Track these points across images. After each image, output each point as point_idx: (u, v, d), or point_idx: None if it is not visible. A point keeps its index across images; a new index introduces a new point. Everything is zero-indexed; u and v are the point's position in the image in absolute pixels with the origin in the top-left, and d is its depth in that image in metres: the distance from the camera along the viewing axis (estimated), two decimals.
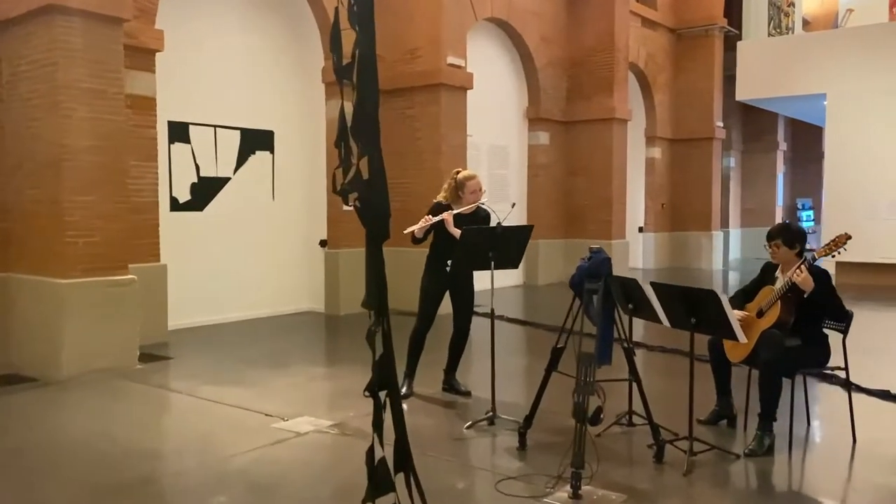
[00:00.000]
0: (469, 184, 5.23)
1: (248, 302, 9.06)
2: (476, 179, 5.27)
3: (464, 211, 5.20)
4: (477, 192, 5.24)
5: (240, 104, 8.96)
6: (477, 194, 5.24)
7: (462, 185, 5.24)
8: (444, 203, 5.29)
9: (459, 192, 5.27)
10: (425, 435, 4.58)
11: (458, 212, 5.18)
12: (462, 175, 5.30)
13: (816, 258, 4.23)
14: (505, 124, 12.76)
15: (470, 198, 5.23)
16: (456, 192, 5.29)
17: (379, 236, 2.68)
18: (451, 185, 5.32)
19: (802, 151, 22.84)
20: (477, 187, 5.24)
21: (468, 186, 5.23)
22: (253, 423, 4.81)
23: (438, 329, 5.52)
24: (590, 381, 3.72)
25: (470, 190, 5.23)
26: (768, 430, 4.23)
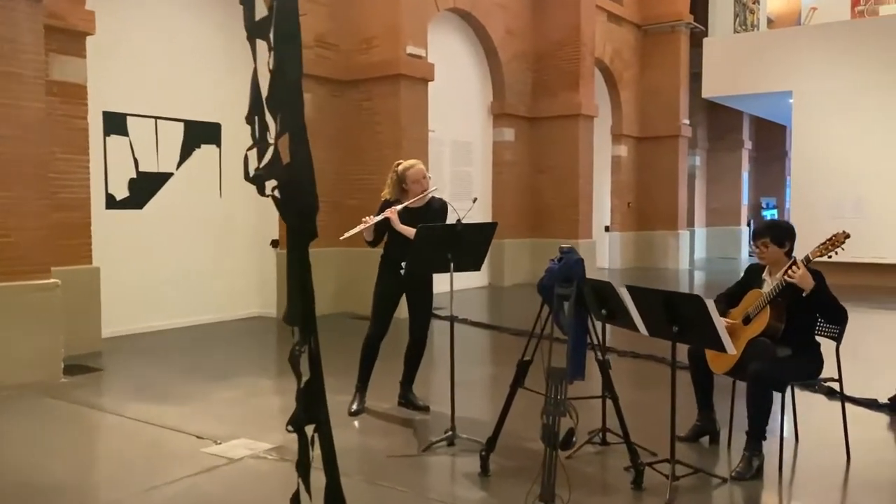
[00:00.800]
0: (410, 173, 4.74)
1: (193, 307, 8.45)
2: (418, 167, 4.77)
3: (412, 203, 4.70)
4: (420, 180, 4.75)
5: (183, 94, 8.34)
6: (421, 183, 4.74)
7: (403, 176, 4.75)
8: (390, 200, 4.80)
9: (403, 185, 4.78)
10: (376, 460, 4.07)
11: (405, 205, 4.68)
12: (402, 166, 4.80)
13: (811, 259, 3.82)
14: (469, 120, 12.29)
15: (415, 188, 4.73)
16: (399, 185, 4.80)
17: (304, 235, 2.17)
18: (393, 179, 4.83)
19: (766, 150, 22.81)
20: (419, 175, 4.75)
21: (409, 176, 4.73)
22: (181, 447, 4.25)
23: (400, 335, 5.01)
24: (561, 400, 3.25)
25: (412, 179, 4.73)
26: (757, 451, 3.80)
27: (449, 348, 4.40)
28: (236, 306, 8.99)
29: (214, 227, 8.72)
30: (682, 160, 16.84)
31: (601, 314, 4.15)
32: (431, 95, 9.90)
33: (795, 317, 3.90)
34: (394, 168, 4.85)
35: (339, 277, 8.89)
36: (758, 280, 4.17)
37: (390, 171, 4.86)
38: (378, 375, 5.28)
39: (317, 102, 9.13)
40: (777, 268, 4.06)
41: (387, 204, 4.79)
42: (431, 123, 10.43)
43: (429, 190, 4.76)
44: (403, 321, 4.96)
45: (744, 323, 4.03)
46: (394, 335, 5.20)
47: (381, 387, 5.25)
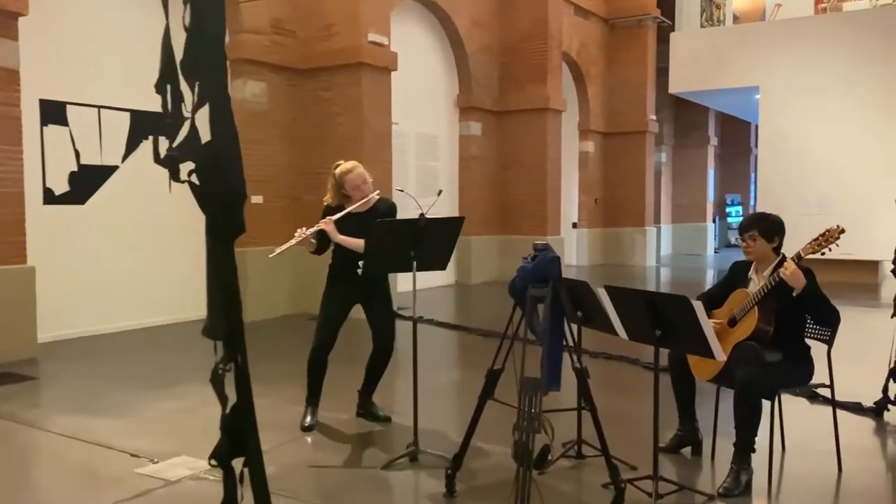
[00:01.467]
0: (348, 178, 4.31)
1: (141, 309, 7.95)
2: (356, 171, 4.33)
3: (355, 209, 4.29)
4: (360, 186, 4.32)
5: (129, 82, 7.81)
6: (362, 189, 4.31)
7: (341, 181, 4.33)
8: (333, 206, 4.39)
9: (342, 191, 4.37)
10: (330, 479, 3.69)
11: (347, 212, 4.28)
12: (340, 169, 4.36)
13: (802, 256, 3.52)
14: (434, 113, 11.92)
15: (356, 194, 4.33)
16: (339, 190, 4.38)
17: (227, 229, 1.79)
18: (332, 183, 4.39)
19: (731, 147, 22.82)
20: (359, 180, 4.32)
21: (348, 182, 4.31)
22: (113, 467, 3.81)
23: (360, 339, 4.62)
24: (535, 415, 2.90)
25: (352, 186, 4.31)
26: (745, 464, 3.50)
27: (412, 352, 4.01)
28: (188, 308, 8.47)
29: (163, 224, 8.21)
30: (649, 156, 16.68)
31: (577, 316, 3.82)
32: (396, 87, 9.51)
33: (786, 318, 3.61)
34: (332, 171, 4.41)
35: (297, 276, 8.44)
36: (743, 279, 3.88)
37: (329, 175, 4.42)
38: (337, 383, 4.90)
39: (272, 92, 8.67)
40: (764, 265, 3.77)
41: (329, 210, 4.38)
42: (395, 116, 10.03)
43: (370, 195, 4.35)
44: (361, 322, 4.57)
45: (729, 325, 3.73)
46: (354, 339, 4.84)
47: (338, 396, 4.87)
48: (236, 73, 8.40)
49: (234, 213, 1.77)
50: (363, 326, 4.57)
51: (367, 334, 4.56)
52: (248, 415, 1.82)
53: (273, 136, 8.68)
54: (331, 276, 4.46)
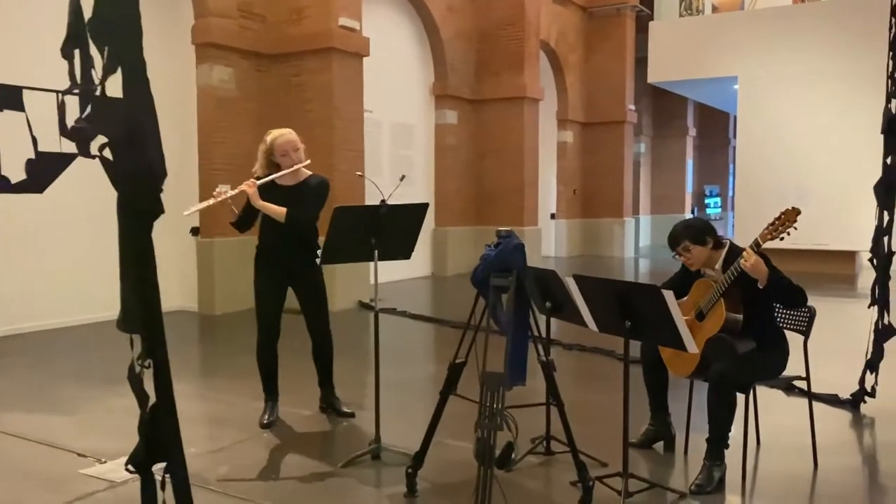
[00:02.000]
0: (278, 143, 4.08)
1: (106, 301, 7.67)
2: (287, 137, 4.11)
3: (279, 177, 4.07)
4: (290, 153, 4.09)
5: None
6: (291, 156, 4.09)
7: (270, 147, 4.11)
8: (261, 176, 4.15)
9: (272, 158, 4.13)
10: (285, 480, 3.50)
11: (271, 179, 4.06)
12: (270, 136, 4.15)
13: (761, 243, 3.37)
14: (409, 101, 11.70)
15: (284, 162, 4.10)
16: (269, 158, 4.14)
17: (143, 210, 1.60)
18: (262, 150, 4.17)
19: (710, 138, 22.82)
20: (288, 147, 4.09)
21: (277, 147, 4.08)
22: (57, 467, 3.61)
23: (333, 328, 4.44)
24: (497, 411, 2.74)
25: (280, 152, 4.08)
26: (718, 461, 3.37)
27: (374, 346, 3.84)
28: None
29: None
30: (628, 146, 16.59)
31: (545, 307, 3.67)
32: (369, 75, 9.28)
33: (755, 304, 3.47)
34: (264, 138, 4.19)
35: None
36: (695, 274, 3.72)
37: (261, 143, 4.20)
38: (299, 378, 4.73)
39: (240, 78, 8.42)
40: (712, 262, 3.63)
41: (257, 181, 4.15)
42: (369, 104, 9.81)
43: (299, 164, 4.12)
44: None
45: (697, 319, 3.58)
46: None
47: (301, 391, 4.69)
48: (202, 58, 8.14)
49: (150, 194, 1.59)
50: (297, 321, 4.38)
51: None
52: (168, 416, 1.64)
53: (241, 124, 8.43)
54: (258, 261, 4.24)
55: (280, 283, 4.23)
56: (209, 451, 3.84)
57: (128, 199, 1.56)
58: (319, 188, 4.18)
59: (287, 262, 4.13)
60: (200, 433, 4.16)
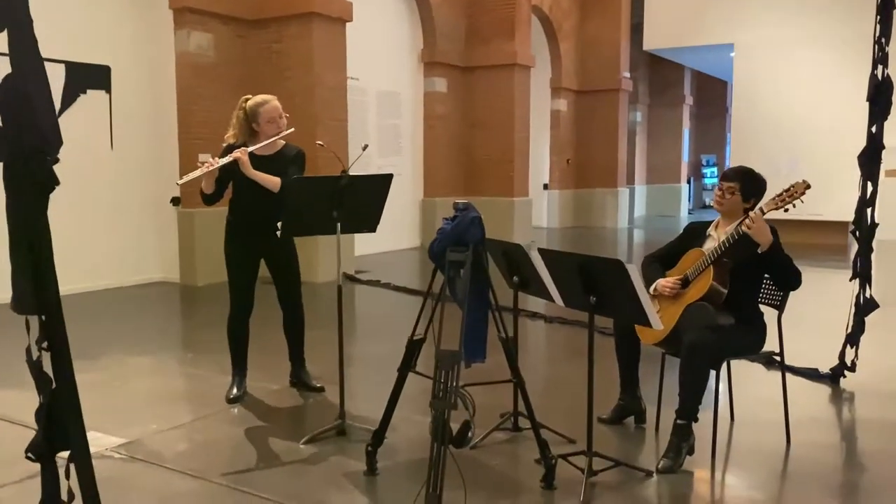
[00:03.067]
0: (263, 110, 3.94)
1: (82, 272, 7.57)
2: (272, 104, 3.98)
3: (260, 149, 3.93)
4: (276, 119, 3.97)
5: (64, 32, 7.34)
6: (276, 123, 3.97)
7: (254, 113, 3.95)
8: (235, 145, 4.00)
9: (253, 125, 3.99)
10: (244, 457, 3.42)
11: (256, 148, 3.92)
12: (252, 101, 3.99)
13: (764, 212, 3.26)
14: (397, 68, 11.48)
15: (269, 129, 3.96)
16: (248, 125, 4.00)
17: (37, 183, 1.47)
18: (239, 117, 4.01)
19: (706, 107, 22.53)
20: (275, 114, 3.97)
21: (262, 114, 3.94)
22: (14, 444, 3.49)
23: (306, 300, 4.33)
24: (451, 390, 2.65)
25: (266, 118, 3.94)
26: (686, 436, 3.28)
27: (338, 319, 3.72)
28: (134, 271, 8.16)
29: (105, 183, 7.82)
30: (623, 115, 16.36)
31: (513, 281, 3.56)
32: (355, 41, 9.08)
33: (740, 280, 3.36)
34: (241, 104, 4.03)
35: None
36: (699, 239, 3.62)
37: (236, 109, 4.05)
38: (269, 352, 4.64)
39: (219, 44, 8.22)
40: (728, 222, 3.51)
41: (229, 148, 4.00)
42: (355, 71, 9.62)
43: (284, 132, 3.99)
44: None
45: (682, 286, 3.48)
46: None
47: (271, 366, 4.61)
48: (179, 24, 7.93)
49: (40, 164, 1.46)
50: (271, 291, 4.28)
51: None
52: (69, 402, 1.54)
53: (220, 92, 8.23)
54: (229, 232, 4.12)
55: (252, 254, 4.12)
56: (170, 428, 3.76)
57: (18, 172, 1.44)
58: (299, 158, 4.07)
59: (260, 233, 4.00)
60: (163, 409, 4.08)
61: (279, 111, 3.98)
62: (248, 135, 3.98)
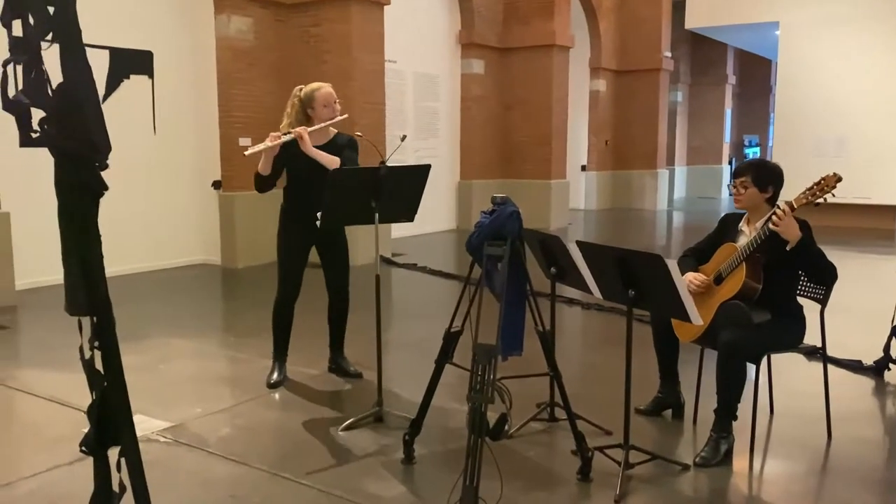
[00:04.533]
0: (319, 94, 3.98)
1: (126, 254, 7.75)
2: (326, 89, 4.02)
3: (315, 133, 3.93)
4: (331, 104, 4.01)
5: (108, 18, 7.44)
6: (332, 108, 4.01)
7: (310, 98, 3.99)
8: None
9: (308, 111, 4.02)
10: (284, 442, 3.50)
11: (312, 129, 3.92)
12: (308, 87, 4.03)
13: (795, 207, 3.20)
14: (434, 50, 11.44)
15: (325, 114, 3.99)
16: (304, 112, 4.03)
17: (86, 188, 1.51)
18: (294, 104, 4.05)
19: (750, 86, 22.04)
20: (330, 99, 4.00)
21: (318, 99, 3.97)
22: (63, 427, 3.65)
23: None
24: (488, 383, 2.66)
25: (322, 103, 3.97)
26: (725, 433, 3.27)
27: (375, 305, 3.75)
28: (175, 253, 8.32)
29: (149, 167, 7.96)
30: (663, 95, 16.10)
31: (550, 272, 3.56)
32: (392, 24, 9.06)
33: (776, 275, 3.31)
34: (295, 93, 4.07)
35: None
36: (732, 232, 3.57)
37: (290, 97, 4.08)
38: (309, 337, 4.70)
39: (258, 28, 8.27)
40: (757, 216, 3.46)
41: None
42: (393, 54, 9.61)
43: (337, 117, 4.01)
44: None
45: (715, 283, 3.44)
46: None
47: (310, 350, 4.68)
48: (220, 8, 8.00)
49: (93, 171, 1.50)
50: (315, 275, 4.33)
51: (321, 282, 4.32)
52: (120, 399, 1.59)
53: (259, 75, 8.32)
54: (284, 220, 4.16)
55: (305, 243, 4.17)
56: (213, 412, 3.85)
57: (69, 177, 1.48)
58: (353, 143, 4.12)
59: (314, 222, 4.02)
60: (206, 392, 4.18)
61: (334, 96, 4.03)
62: (304, 120, 4.02)
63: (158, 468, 3.20)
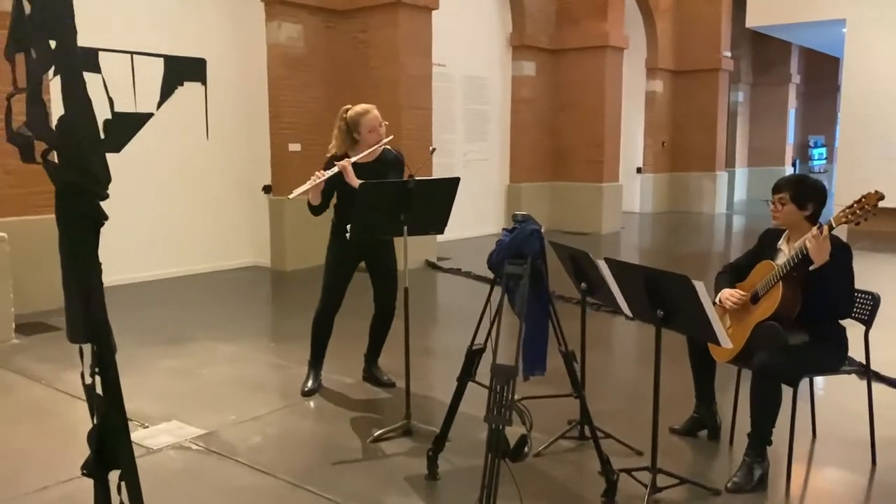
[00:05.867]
0: (365, 120, 4.00)
1: (177, 257, 7.97)
2: (373, 113, 4.03)
3: (362, 158, 4.00)
4: (377, 129, 4.02)
5: (162, 27, 7.68)
6: (377, 132, 4.02)
7: (356, 123, 4.01)
8: (338, 156, 4.07)
9: (355, 135, 4.03)
10: (311, 454, 3.53)
11: (357, 158, 3.98)
12: (353, 111, 4.04)
13: (834, 226, 3.06)
14: (484, 53, 11.39)
15: (370, 139, 4.01)
16: (350, 135, 4.05)
17: (86, 218, 1.54)
18: (340, 128, 4.06)
19: (816, 85, 21.26)
20: (376, 123, 4.01)
21: (364, 124, 4.00)
22: None
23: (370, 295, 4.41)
24: (507, 405, 2.63)
25: (368, 128, 3.99)
26: (760, 458, 3.15)
27: (404, 318, 3.75)
28: (227, 255, 8.50)
29: (201, 172, 8.15)
30: (722, 96, 15.68)
31: (581, 287, 3.50)
32: (442, 27, 9.06)
33: (816, 295, 3.17)
34: (341, 115, 4.09)
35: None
36: (771, 249, 3.44)
37: (337, 120, 4.10)
38: (345, 344, 4.73)
39: (308, 35, 8.38)
40: (797, 234, 3.32)
41: (333, 159, 4.07)
42: (442, 57, 9.62)
43: (383, 140, 4.04)
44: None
45: (752, 302, 3.32)
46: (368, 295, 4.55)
47: (346, 358, 4.71)
48: (270, 16, 8.13)
49: (89, 201, 1.53)
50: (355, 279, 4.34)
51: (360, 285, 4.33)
52: (119, 425, 1.62)
53: (309, 82, 8.42)
54: (334, 234, 4.21)
55: (353, 258, 4.22)
56: (246, 420, 3.91)
57: (69, 209, 1.51)
58: (399, 163, 4.12)
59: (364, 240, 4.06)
60: (242, 399, 4.24)
61: (379, 120, 4.05)
62: (350, 144, 4.06)
63: (186, 477, 3.27)
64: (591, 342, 3.87)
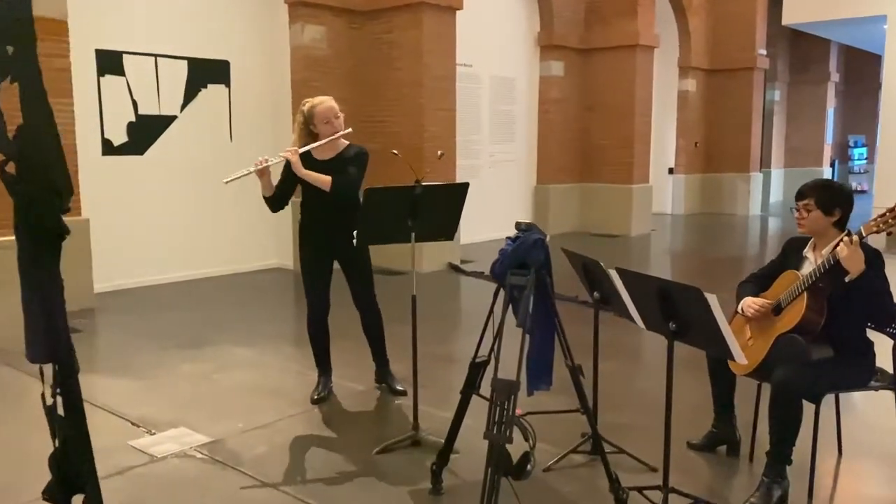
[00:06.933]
0: (317, 111, 3.91)
1: (202, 259, 8.00)
2: (326, 104, 3.94)
3: (319, 149, 3.92)
4: (331, 120, 3.93)
5: (186, 30, 7.71)
6: (333, 123, 3.93)
7: (311, 115, 3.93)
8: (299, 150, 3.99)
9: (311, 127, 3.96)
10: (316, 465, 3.46)
11: (307, 149, 3.90)
12: (308, 104, 3.97)
13: (864, 235, 2.89)
14: (512, 53, 11.26)
15: (325, 130, 3.93)
16: (307, 128, 3.98)
17: (47, 230, 1.48)
18: (299, 122, 4.00)
19: (856, 83, 20.70)
20: (330, 114, 3.93)
21: (318, 115, 3.91)
22: (110, 437, 3.72)
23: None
24: (507, 420, 2.53)
25: (322, 119, 3.91)
26: (779, 478, 3.00)
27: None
28: (251, 257, 8.51)
29: (224, 173, 8.12)
30: (757, 95, 15.32)
31: (593, 297, 3.38)
32: (469, 27, 8.96)
33: (841, 307, 3.01)
34: (300, 109, 4.02)
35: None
36: (796, 258, 3.28)
37: (297, 114, 4.04)
38: (357, 352, 4.66)
39: (332, 36, 8.34)
40: (823, 242, 3.16)
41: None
42: (469, 57, 9.53)
43: (339, 132, 3.95)
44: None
45: (774, 313, 3.17)
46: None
47: (359, 365, 4.64)
48: (294, 18, 8.12)
49: (50, 214, 1.47)
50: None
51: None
52: (81, 447, 1.56)
53: (333, 83, 8.38)
54: (301, 234, 4.15)
55: (325, 257, 4.15)
56: (254, 428, 3.86)
57: (29, 220, 1.45)
58: (359, 157, 4.05)
59: (331, 236, 4.03)
60: (253, 405, 4.20)
61: (334, 111, 3.96)
62: (308, 138, 3.99)
63: (187, 487, 3.23)
64: (607, 350, 3.75)
